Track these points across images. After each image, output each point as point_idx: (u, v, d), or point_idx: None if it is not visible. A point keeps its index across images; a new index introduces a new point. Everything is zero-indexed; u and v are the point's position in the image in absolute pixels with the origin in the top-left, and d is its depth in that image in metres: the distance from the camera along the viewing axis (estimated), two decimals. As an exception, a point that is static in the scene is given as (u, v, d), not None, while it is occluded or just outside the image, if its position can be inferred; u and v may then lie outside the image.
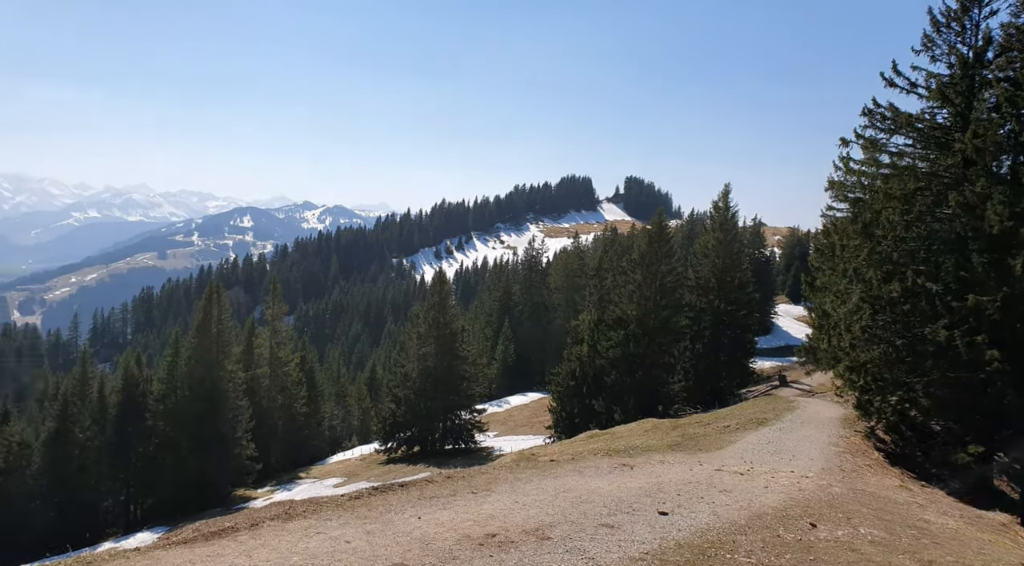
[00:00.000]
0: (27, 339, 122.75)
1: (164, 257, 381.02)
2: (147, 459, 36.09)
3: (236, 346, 40.03)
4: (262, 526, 7.47)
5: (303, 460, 43.60)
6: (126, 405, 37.03)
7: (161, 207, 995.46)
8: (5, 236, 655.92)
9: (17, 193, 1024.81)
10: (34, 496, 33.85)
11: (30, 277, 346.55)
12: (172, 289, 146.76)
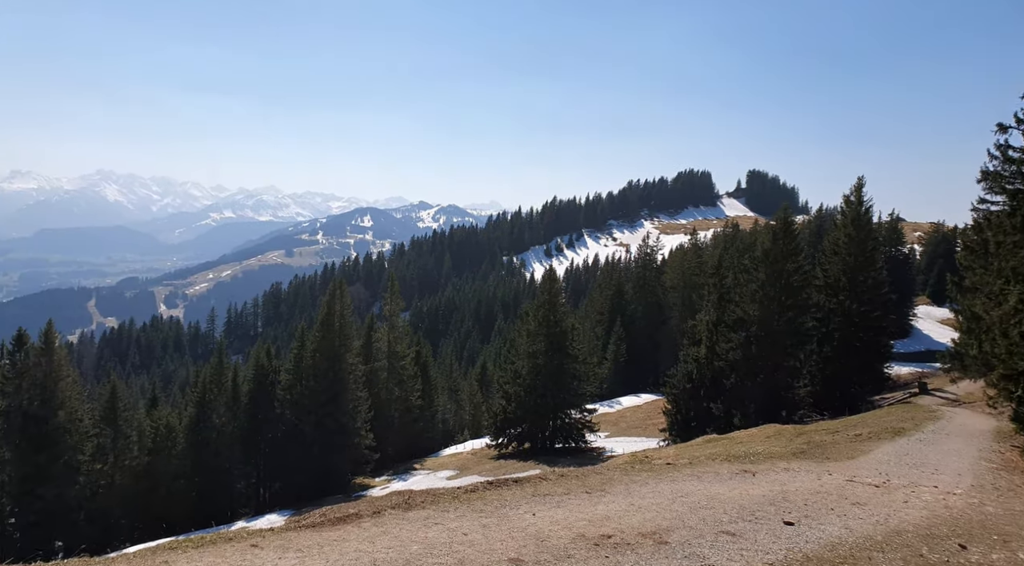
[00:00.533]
0: (172, 331, 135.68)
1: (291, 255, 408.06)
2: (275, 445, 38.81)
3: (356, 340, 42.16)
4: (384, 514, 7.85)
5: (417, 452, 45.28)
6: (256, 394, 39.95)
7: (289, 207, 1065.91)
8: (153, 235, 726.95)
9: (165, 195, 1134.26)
10: (179, 475, 37.29)
11: (174, 273, 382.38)
12: (298, 285, 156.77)
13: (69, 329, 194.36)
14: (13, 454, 32.18)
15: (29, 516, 32.08)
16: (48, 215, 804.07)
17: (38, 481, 31.83)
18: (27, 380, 32.82)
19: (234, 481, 39.02)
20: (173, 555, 6.39)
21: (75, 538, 30.81)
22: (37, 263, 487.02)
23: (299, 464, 36.83)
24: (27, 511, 32.14)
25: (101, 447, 35.53)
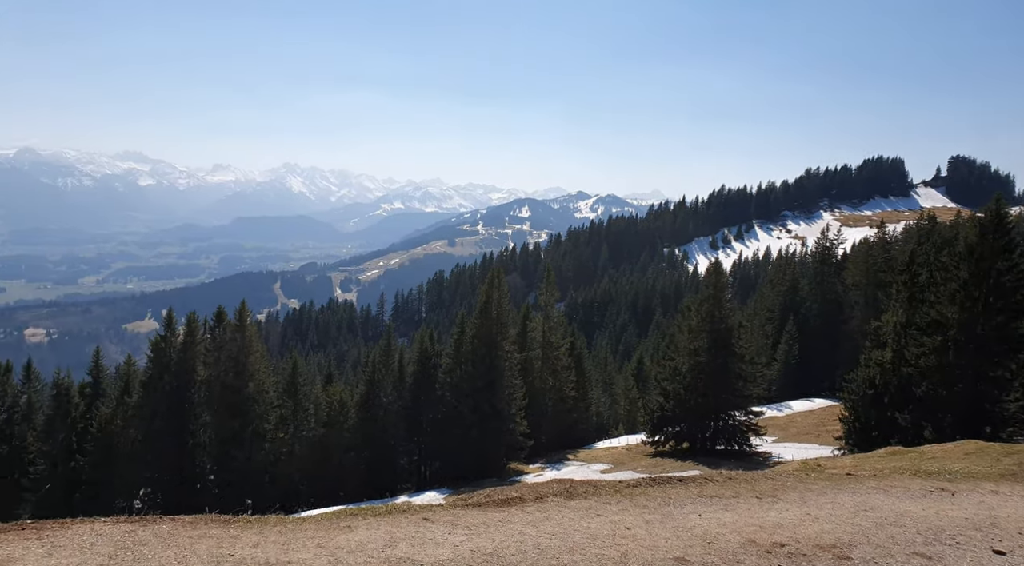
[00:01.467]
0: (345, 313, 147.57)
1: (453, 244, 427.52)
2: (435, 426, 40.92)
3: (512, 328, 43.21)
4: (547, 501, 7.96)
5: (570, 443, 45.64)
6: (420, 376, 42.30)
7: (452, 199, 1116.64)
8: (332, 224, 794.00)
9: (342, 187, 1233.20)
10: (350, 448, 40.51)
11: (349, 260, 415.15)
12: (459, 274, 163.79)
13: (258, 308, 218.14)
14: (213, 419, 36.76)
15: (225, 475, 36.51)
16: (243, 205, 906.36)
17: (232, 444, 36.09)
18: (224, 353, 37.26)
19: (398, 457, 41.66)
20: (355, 521, 6.89)
21: (261, 498, 34.54)
22: (234, 248, 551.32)
23: (457, 445, 38.57)
24: (223, 470, 36.59)
25: (283, 417, 39.51)
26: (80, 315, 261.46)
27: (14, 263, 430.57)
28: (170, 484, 35.26)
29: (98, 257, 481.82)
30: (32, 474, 36.08)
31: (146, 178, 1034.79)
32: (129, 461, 35.08)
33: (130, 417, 36.00)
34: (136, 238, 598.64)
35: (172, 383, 36.20)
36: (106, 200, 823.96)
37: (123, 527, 8.19)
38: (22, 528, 8.58)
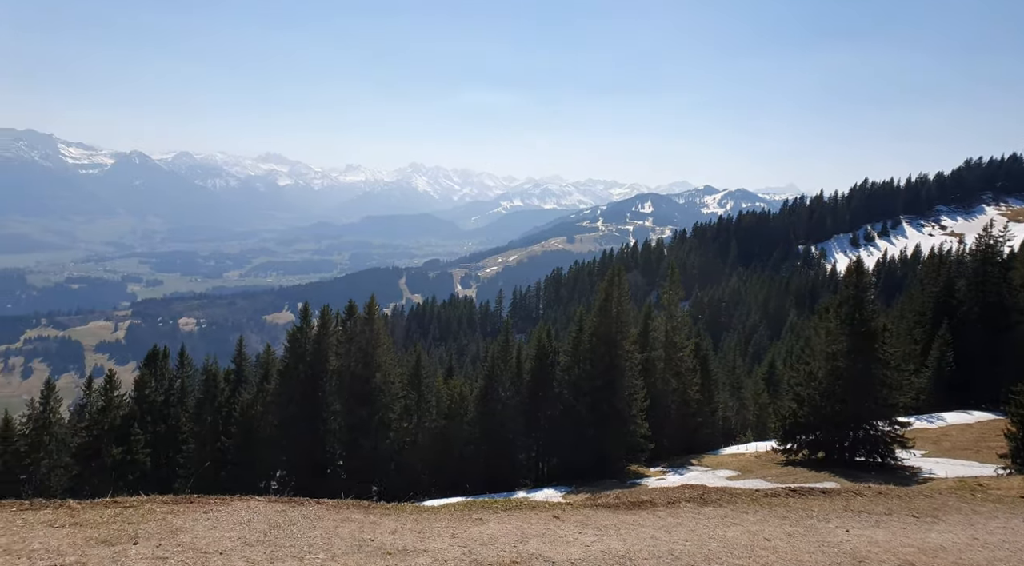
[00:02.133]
0: (465, 309, 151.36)
1: (572, 241, 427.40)
2: (553, 423, 41.00)
3: (633, 327, 42.43)
4: (679, 506, 7.69)
5: (694, 447, 44.21)
6: (537, 372, 42.52)
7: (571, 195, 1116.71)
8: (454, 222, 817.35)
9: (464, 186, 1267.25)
10: (469, 441, 41.47)
11: (469, 257, 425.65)
12: (577, 271, 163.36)
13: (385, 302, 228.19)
14: (342, 407, 38.84)
15: (353, 461, 38.48)
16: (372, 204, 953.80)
17: (360, 432, 37.98)
18: (354, 345, 39.27)
19: (516, 452, 42.11)
20: (486, 514, 7.00)
21: (387, 485, 36.08)
22: (362, 245, 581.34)
23: (575, 443, 38.43)
24: (352, 457, 38.59)
25: (407, 408, 41.06)
26: (226, 307, 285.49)
27: (171, 258, 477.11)
28: (303, 468, 37.61)
29: (241, 253, 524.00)
30: (185, 452, 39.75)
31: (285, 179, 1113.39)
32: (267, 444, 37.81)
33: (268, 403, 38.78)
34: (275, 235, 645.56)
35: (307, 372, 38.62)
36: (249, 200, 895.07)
37: (275, 507, 8.84)
38: (190, 502, 9.52)
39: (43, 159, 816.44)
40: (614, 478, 35.32)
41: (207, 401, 40.58)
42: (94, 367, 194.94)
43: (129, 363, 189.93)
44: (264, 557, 7.22)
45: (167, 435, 40.66)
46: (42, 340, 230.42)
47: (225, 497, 9.73)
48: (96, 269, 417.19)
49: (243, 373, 43.21)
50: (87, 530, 8.66)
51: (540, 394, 41.75)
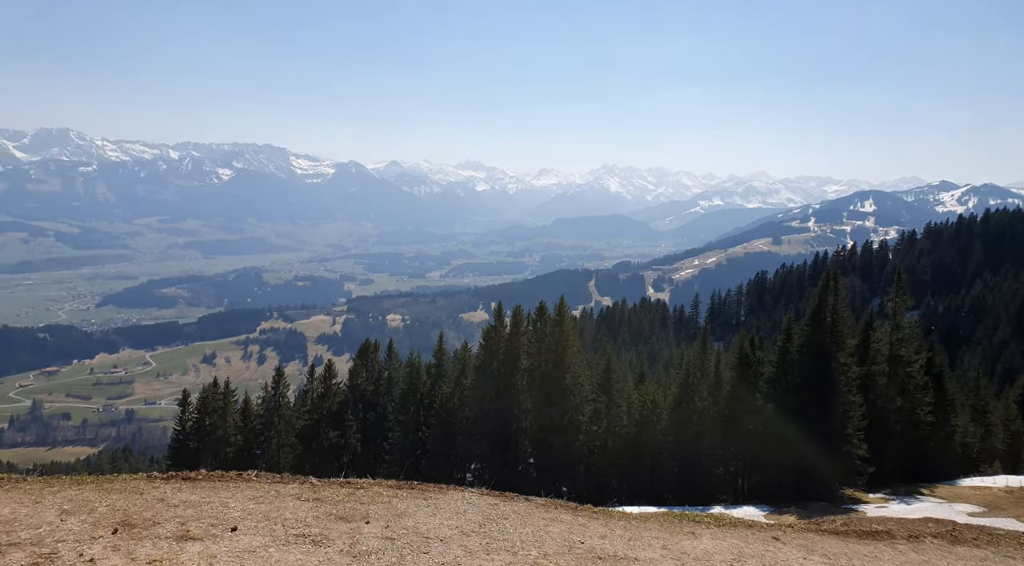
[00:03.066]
0: (658, 312, 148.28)
1: (778, 243, 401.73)
2: (755, 437, 38.78)
3: (850, 338, 38.88)
4: (923, 541, 6.92)
5: (923, 475, 39.43)
6: (738, 383, 40.48)
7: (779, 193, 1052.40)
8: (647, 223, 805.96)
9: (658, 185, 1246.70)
10: (662, 449, 40.62)
11: (662, 259, 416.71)
12: (785, 274, 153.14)
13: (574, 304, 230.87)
14: (533, 406, 39.93)
15: (543, 460, 39.41)
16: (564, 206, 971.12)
17: (550, 431, 38.80)
18: (545, 345, 40.23)
19: (713, 465, 40.49)
20: (698, 528, 6.84)
21: (575, 487, 36.47)
22: (553, 247, 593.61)
23: (780, 461, 36.04)
24: (542, 456, 39.55)
25: (597, 411, 41.17)
26: (427, 305, 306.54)
27: (381, 259, 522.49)
28: (496, 462, 39.23)
29: (442, 255, 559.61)
30: (390, 439, 43.29)
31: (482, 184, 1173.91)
32: (464, 437, 39.98)
33: (465, 397, 41.00)
34: (472, 238, 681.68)
35: (500, 369, 40.25)
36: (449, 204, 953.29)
37: (488, 499, 9.42)
38: (411, 488, 10.52)
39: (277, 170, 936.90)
40: (824, 500, 32.62)
41: (411, 393, 43.83)
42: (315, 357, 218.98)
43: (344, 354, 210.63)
44: (480, 548, 7.66)
45: (375, 422, 44.56)
46: (274, 331, 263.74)
47: (441, 486, 10.55)
48: (318, 269, 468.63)
49: (443, 368, 46.07)
50: (327, 506, 9.86)
51: (741, 406, 39.75)
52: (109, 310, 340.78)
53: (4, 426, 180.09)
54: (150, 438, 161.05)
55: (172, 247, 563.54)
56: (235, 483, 11.62)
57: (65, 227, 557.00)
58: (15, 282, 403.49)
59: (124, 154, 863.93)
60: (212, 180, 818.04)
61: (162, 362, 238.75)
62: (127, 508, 9.94)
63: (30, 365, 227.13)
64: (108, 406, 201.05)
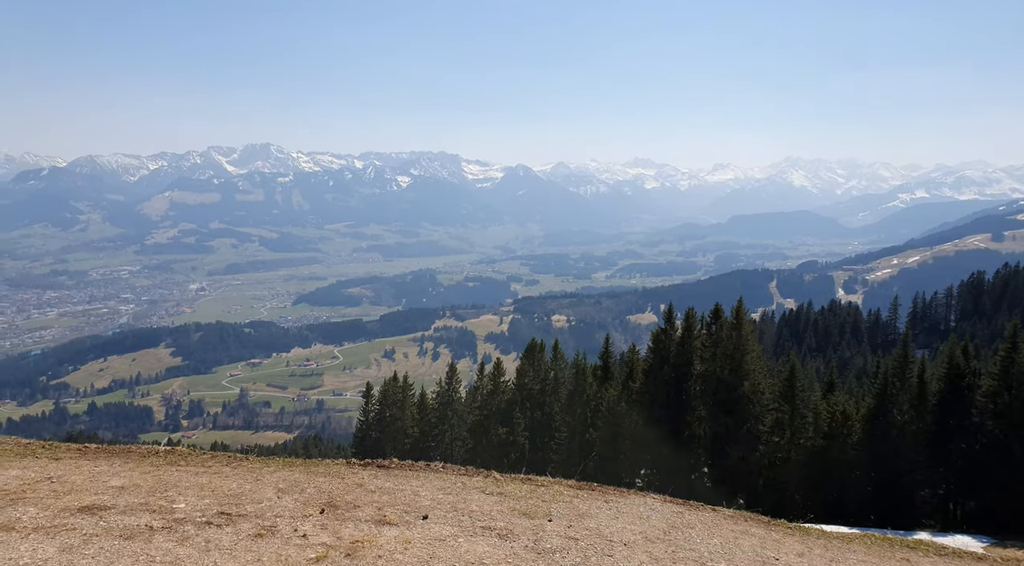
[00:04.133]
0: (849, 316, 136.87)
1: (999, 239, 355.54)
2: (970, 458, 34.53)
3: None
4: None
5: None
6: (948, 396, 36.33)
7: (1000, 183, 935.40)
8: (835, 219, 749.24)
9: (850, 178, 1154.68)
10: (853, 465, 37.34)
11: (854, 258, 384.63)
12: (1008, 275, 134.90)
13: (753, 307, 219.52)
14: (707, 413, 38.38)
15: (719, 470, 37.76)
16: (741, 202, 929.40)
17: (726, 440, 37.08)
18: (720, 350, 38.50)
19: (916, 487, 36.63)
20: (913, 555, 6.20)
21: (754, 500, 34.47)
22: (729, 246, 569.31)
23: (1003, 486, 31.75)
24: (717, 465, 37.91)
25: (779, 421, 38.69)
26: (593, 306, 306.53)
27: (546, 260, 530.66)
28: (667, 468, 38.19)
29: (608, 255, 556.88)
30: (557, 439, 43.66)
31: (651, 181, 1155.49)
32: (632, 441, 39.34)
33: (633, 401, 40.31)
34: (640, 237, 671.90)
35: (670, 374, 39.15)
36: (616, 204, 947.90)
37: (671, 507, 9.23)
38: (592, 489, 10.59)
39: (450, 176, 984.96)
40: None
41: (577, 394, 43.91)
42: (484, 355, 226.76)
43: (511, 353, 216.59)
44: (666, 556, 7.48)
45: (542, 421, 45.16)
46: (446, 329, 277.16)
47: (622, 489, 10.52)
48: (487, 270, 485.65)
49: (609, 370, 45.68)
50: (510, 501, 10.19)
51: (952, 422, 35.62)
52: (303, 308, 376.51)
53: (218, 410, 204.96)
54: (337, 427, 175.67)
55: (357, 250, 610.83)
56: (424, 473, 12.36)
57: (266, 232, 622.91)
58: (226, 282, 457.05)
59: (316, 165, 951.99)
60: (392, 187, 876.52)
61: (348, 356, 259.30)
62: (331, 490, 10.92)
63: (239, 357, 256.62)
64: (301, 396, 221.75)
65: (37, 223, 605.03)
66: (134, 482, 11.16)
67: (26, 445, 14.16)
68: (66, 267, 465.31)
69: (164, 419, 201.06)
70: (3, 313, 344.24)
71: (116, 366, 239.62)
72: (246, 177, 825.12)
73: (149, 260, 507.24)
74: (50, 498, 10.14)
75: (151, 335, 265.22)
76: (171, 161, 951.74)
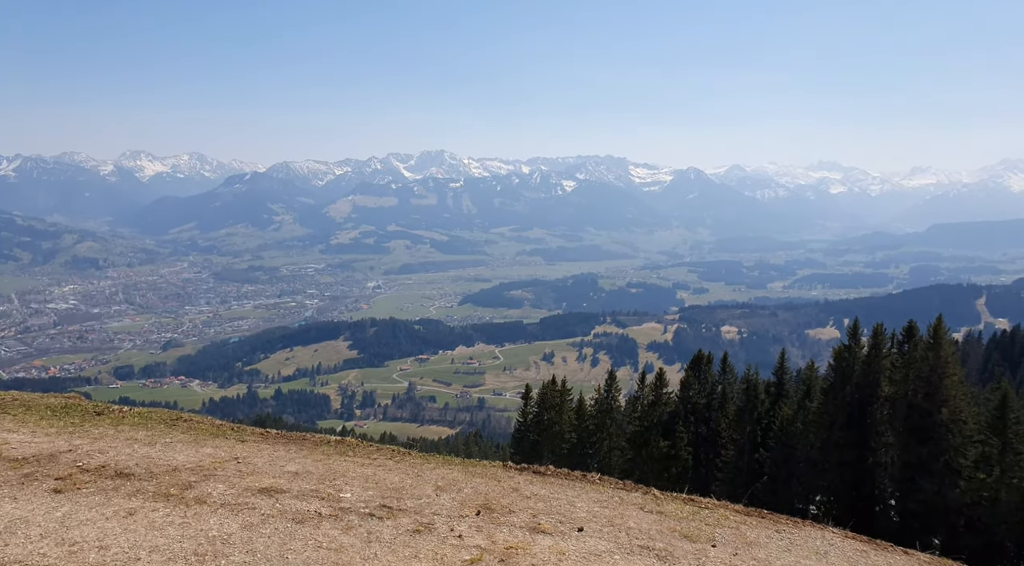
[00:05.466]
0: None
1: None
2: None
3: None
4: None
5: None
6: None
7: None
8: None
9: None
10: (1081, 515, 32.35)
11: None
12: None
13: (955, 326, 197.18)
14: (896, 440, 34.93)
15: (908, 504, 34.26)
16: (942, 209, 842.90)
17: (919, 472, 33.51)
18: (913, 371, 34.85)
19: None
20: None
21: (952, 541, 31.00)
22: (927, 257, 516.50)
23: None
24: (907, 499, 34.40)
25: (986, 456, 34.34)
26: (767, 318, 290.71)
27: (716, 267, 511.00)
28: (846, 498, 35.29)
29: (786, 264, 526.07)
30: (723, 457, 41.78)
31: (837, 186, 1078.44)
32: (807, 465, 36.74)
33: (810, 422, 37.63)
34: (823, 246, 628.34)
35: (853, 395, 36.12)
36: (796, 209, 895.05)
37: (853, 544, 8.51)
38: (762, 516, 9.99)
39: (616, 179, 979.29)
40: None
41: (747, 410, 41.81)
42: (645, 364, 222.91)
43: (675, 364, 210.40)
44: None
45: (708, 437, 43.47)
46: (606, 335, 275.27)
47: (796, 519, 9.85)
48: (651, 276, 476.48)
49: (783, 387, 43.09)
50: (671, 521, 9.88)
51: None
52: (467, 308, 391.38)
53: (388, 402, 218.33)
54: (496, 426, 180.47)
55: (520, 254, 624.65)
56: (580, 483, 12.28)
57: (437, 235, 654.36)
58: (399, 282, 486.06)
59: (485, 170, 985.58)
60: (557, 192, 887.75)
61: (508, 357, 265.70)
62: (487, 493, 11.12)
63: (408, 352, 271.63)
64: (464, 393, 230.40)
65: (240, 223, 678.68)
66: (307, 468, 12.03)
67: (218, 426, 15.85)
68: (262, 263, 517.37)
69: (339, 408, 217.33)
70: (209, 303, 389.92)
71: (300, 356, 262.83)
72: (421, 182, 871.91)
73: (332, 259, 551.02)
74: (236, 477, 11.21)
75: (331, 328, 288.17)
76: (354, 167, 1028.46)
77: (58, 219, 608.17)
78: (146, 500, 9.91)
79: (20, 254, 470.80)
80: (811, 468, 36.59)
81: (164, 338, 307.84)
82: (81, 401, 17.62)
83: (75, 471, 11.16)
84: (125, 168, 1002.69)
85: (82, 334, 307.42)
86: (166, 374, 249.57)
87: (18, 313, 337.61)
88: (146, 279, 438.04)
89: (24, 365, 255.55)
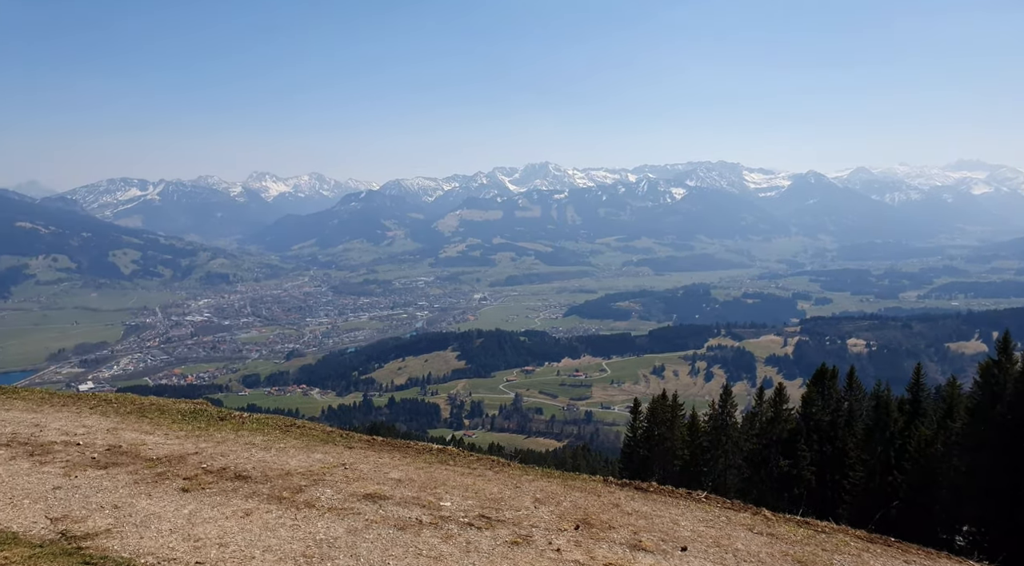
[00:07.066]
0: None
1: None
2: None
3: None
4: None
5: None
6: None
7: None
8: None
9: None
10: None
11: None
12: None
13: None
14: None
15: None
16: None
17: (1086, 504, 30.12)
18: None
19: None
20: None
21: None
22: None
23: None
24: (1071, 534, 30.98)
25: None
26: (899, 330, 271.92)
27: (841, 276, 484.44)
28: (1000, 529, 32.16)
29: (920, 272, 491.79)
30: (851, 478, 39.17)
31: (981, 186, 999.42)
32: (951, 491, 33.82)
33: (952, 444, 34.66)
34: (964, 252, 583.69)
35: (1005, 415, 32.92)
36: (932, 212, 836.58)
37: None
38: (887, 544, 9.24)
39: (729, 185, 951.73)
40: None
41: (877, 429, 39.08)
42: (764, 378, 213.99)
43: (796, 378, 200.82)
44: None
45: (833, 457, 40.92)
46: (720, 348, 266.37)
47: (930, 550, 9.06)
48: (769, 286, 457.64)
49: (920, 405, 39.96)
50: (782, 545, 9.31)
51: None
52: (572, 319, 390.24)
53: (495, 413, 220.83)
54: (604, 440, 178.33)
55: (627, 264, 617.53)
56: (684, 501, 11.89)
57: (542, 247, 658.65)
58: (505, 293, 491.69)
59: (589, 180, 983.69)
60: (665, 200, 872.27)
61: (616, 370, 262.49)
62: (587, 507, 10.99)
63: (514, 363, 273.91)
64: (570, 405, 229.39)
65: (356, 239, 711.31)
66: (409, 476, 12.30)
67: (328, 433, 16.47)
68: (376, 277, 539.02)
69: (449, 417, 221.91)
70: (328, 315, 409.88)
71: (412, 366, 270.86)
72: (525, 195, 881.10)
73: (441, 272, 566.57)
74: (342, 482, 11.58)
75: (441, 339, 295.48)
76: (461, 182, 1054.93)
77: (194, 238, 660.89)
78: (261, 502, 10.51)
79: (163, 271, 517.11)
80: (955, 495, 33.65)
81: (287, 348, 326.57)
82: (207, 407, 19.00)
83: (200, 472, 12.08)
84: (252, 189, 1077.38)
85: (215, 344, 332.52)
86: (289, 382, 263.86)
87: (161, 325, 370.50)
88: (271, 293, 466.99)
89: (166, 372, 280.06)
